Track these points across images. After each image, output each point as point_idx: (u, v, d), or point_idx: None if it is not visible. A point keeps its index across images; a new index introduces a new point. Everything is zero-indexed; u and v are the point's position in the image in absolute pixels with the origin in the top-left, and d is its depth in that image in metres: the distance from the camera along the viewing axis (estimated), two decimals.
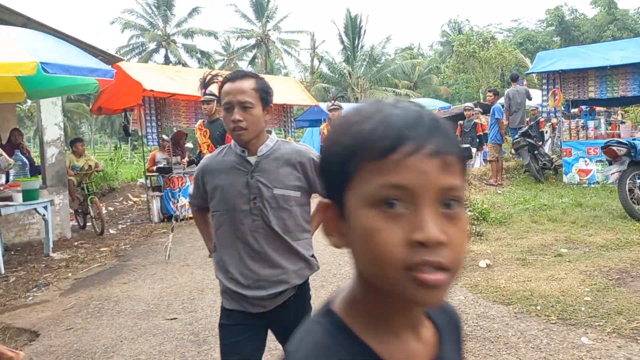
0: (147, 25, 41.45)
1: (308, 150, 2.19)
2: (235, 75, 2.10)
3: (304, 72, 36.95)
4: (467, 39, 27.95)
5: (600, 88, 9.69)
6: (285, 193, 2.09)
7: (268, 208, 2.07)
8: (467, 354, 3.29)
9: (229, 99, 2.03)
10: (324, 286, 4.97)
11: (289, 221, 2.12)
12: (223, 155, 2.18)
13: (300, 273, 2.15)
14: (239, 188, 2.08)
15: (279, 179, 2.08)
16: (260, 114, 2.07)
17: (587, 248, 5.38)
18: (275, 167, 2.09)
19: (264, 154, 2.10)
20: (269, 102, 2.12)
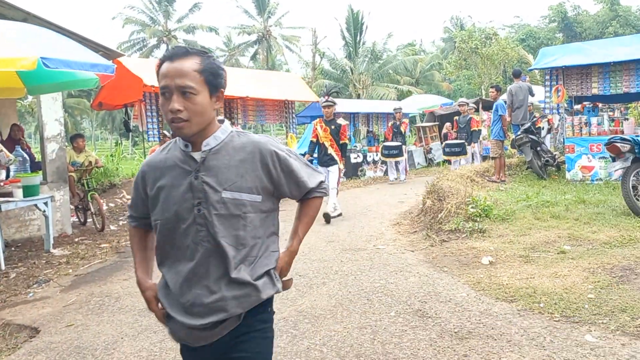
0: (148, 20, 41.39)
1: (269, 142, 1.83)
2: (175, 53, 1.71)
3: (306, 68, 36.89)
4: (470, 35, 27.87)
5: (603, 84, 9.63)
6: (238, 196, 1.72)
7: (214, 216, 1.70)
8: (470, 352, 3.26)
9: (165, 82, 1.68)
10: (325, 283, 4.94)
11: (244, 232, 1.73)
12: (167, 152, 1.84)
13: (243, 301, 1.74)
14: (182, 191, 1.73)
15: (230, 178, 1.73)
16: (207, 102, 1.71)
17: (591, 245, 5.34)
18: (225, 163, 1.74)
19: (212, 148, 1.76)
20: (218, 86, 1.75)
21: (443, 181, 8.15)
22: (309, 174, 1.92)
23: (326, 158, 8.27)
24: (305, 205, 1.99)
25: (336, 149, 8.19)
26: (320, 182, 1.96)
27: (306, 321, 4.00)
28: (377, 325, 3.81)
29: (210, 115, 1.75)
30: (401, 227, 7.43)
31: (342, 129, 8.26)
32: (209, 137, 1.76)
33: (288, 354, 3.44)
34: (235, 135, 1.82)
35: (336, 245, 6.54)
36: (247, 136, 1.83)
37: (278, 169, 1.81)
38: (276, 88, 11.60)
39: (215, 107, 1.76)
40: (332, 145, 8.19)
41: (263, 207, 1.80)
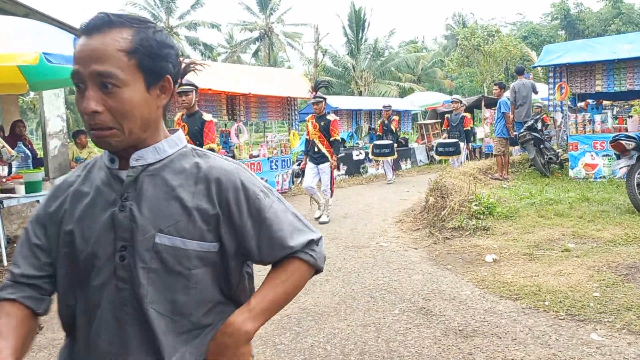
0: (150, 17, 41.29)
1: (237, 171, 1.23)
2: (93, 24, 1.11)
3: (308, 65, 36.84)
4: (472, 33, 27.81)
5: (607, 82, 9.59)
6: (180, 244, 1.13)
7: (141, 270, 1.12)
8: (475, 350, 3.24)
9: (77, 68, 1.10)
10: (328, 280, 4.93)
11: (185, 297, 1.15)
12: (88, 170, 1.25)
13: None
14: (99, 229, 1.15)
15: (172, 214, 1.14)
16: (141, 98, 1.12)
17: (595, 243, 5.32)
18: (166, 192, 1.16)
19: (147, 165, 1.17)
20: (161, 72, 1.15)
21: (446, 178, 8.12)
22: (294, 228, 1.26)
23: (316, 155, 7.99)
24: (281, 269, 1.26)
25: (327, 146, 7.92)
26: (310, 242, 1.27)
27: (309, 318, 3.98)
28: (381, 323, 3.80)
29: (150, 117, 1.15)
30: (404, 225, 7.41)
31: (332, 124, 7.93)
32: (144, 148, 1.17)
33: (292, 351, 3.43)
34: (190, 154, 1.23)
35: (339, 242, 6.52)
36: (208, 158, 1.23)
37: (244, 212, 1.20)
38: (278, 85, 11.57)
39: (159, 103, 1.18)
40: (321, 141, 7.92)
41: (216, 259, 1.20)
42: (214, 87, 9.71)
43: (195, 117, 5.83)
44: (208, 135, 5.74)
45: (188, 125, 5.78)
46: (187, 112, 5.88)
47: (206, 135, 5.73)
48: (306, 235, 1.27)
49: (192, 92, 5.76)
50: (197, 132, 5.74)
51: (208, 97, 10.25)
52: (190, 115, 5.86)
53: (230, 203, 1.19)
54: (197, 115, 5.84)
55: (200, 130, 5.74)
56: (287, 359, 3.32)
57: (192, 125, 5.78)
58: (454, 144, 11.55)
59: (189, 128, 5.76)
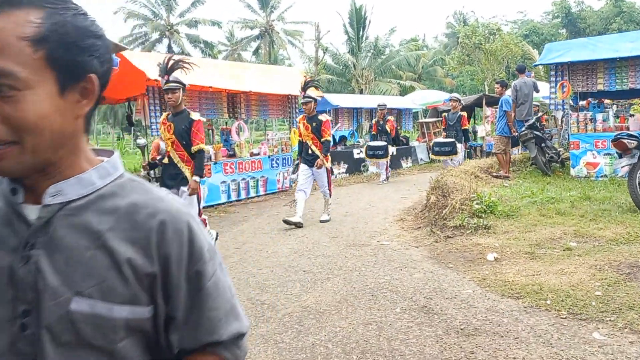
0: (150, 14, 41.27)
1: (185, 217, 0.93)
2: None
3: (308, 63, 36.81)
4: (473, 31, 27.77)
5: (609, 80, 9.57)
6: (104, 311, 0.85)
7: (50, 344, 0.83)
8: (476, 349, 3.24)
9: None
10: (329, 279, 4.92)
11: None
12: None
13: None
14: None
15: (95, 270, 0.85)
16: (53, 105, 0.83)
17: (597, 242, 5.31)
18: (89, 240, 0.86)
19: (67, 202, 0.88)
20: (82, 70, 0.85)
21: (447, 177, 8.11)
22: (230, 310, 0.98)
23: (309, 157, 7.78)
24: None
25: (319, 147, 7.70)
26: (240, 335, 0.99)
27: (311, 317, 3.98)
28: (382, 322, 3.79)
29: (64, 131, 0.85)
30: (405, 223, 7.40)
31: (324, 125, 7.68)
32: (65, 180, 0.88)
33: (293, 349, 3.42)
34: (127, 186, 0.93)
35: (340, 241, 6.52)
36: (151, 195, 0.93)
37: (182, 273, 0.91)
38: (279, 83, 11.55)
39: (79, 112, 0.87)
40: (314, 143, 7.71)
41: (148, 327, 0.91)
42: (214, 84, 9.69)
43: (182, 116, 5.54)
44: (197, 135, 5.50)
45: (174, 124, 5.50)
46: (174, 110, 5.57)
47: (195, 135, 5.49)
48: (238, 324, 0.99)
49: (179, 89, 5.47)
50: (184, 131, 5.48)
51: (209, 95, 10.23)
52: (177, 114, 5.55)
53: (172, 259, 0.89)
54: (185, 114, 5.56)
55: (188, 129, 5.48)
56: (288, 357, 3.31)
57: (178, 125, 5.49)
58: (450, 144, 11.24)
59: (175, 128, 5.49)
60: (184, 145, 5.52)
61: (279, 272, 5.29)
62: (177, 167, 5.55)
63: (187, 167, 5.55)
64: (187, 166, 5.55)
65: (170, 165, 5.62)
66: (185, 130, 5.48)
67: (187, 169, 5.55)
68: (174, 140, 5.53)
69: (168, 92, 5.47)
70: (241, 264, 5.70)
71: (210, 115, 10.68)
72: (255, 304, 4.38)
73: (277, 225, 7.74)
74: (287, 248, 6.31)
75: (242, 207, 9.85)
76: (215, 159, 10.24)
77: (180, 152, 5.55)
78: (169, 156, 5.63)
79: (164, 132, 5.62)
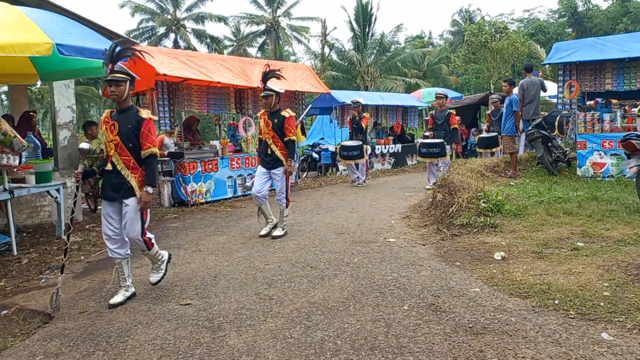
0: (157, 9, 41.27)
1: None
2: None
3: (314, 60, 36.76)
4: (480, 29, 27.67)
5: (617, 80, 9.54)
6: None
7: None
8: (485, 347, 3.25)
9: None
10: (337, 275, 4.94)
11: None
12: None
13: None
14: None
15: None
16: None
17: (604, 242, 5.31)
18: None
19: None
20: None
21: (454, 175, 8.11)
22: None
23: (268, 158, 6.82)
24: None
25: (281, 147, 6.78)
26: None
27: (319, 312, 4.00)
28: (390, 319, 3.81)
29: None
30: (411, 221, 7.41)
31: (287, 122, 6.76)
32: None
33: (302, 345, 3.44)
34: None
35: (346, 237, 6.53)
36: None
37: None
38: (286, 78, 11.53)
39: None
40: (275, 142, 6.78)
41: None
42: (222, 80, 9.70)
43: (129, 113, 4.55)
44: (148, 137, 4.52)
45: (118, 124, 4.52)
46: (118, 107, 4.60)
47: (146, 137, 4.51)
48: None
49: (125, 82, 4.51)
50: (130, 132, 4.49)
51: (217, 90, 10.24)
52: (122, 112, 4.57)
53: None
54: (132, 111, 4.57)
55: (136, 130, 4.49)
56: (297, 353, 3.33)
57: (123, 124, 4.51)
58: (439, 145, 10.46)
59: (119, 127, 4.51)
60: (130, 148, 4.51)
61: (286, 267, 5.31)
62: (122, 176, 4.52)
63: (133, 176, 4.52)
64: (134, 174, 4.52)
65: (112, 173, 4.56)
66: (131, 131, 4.50)
67: (133, 177, 4.52)
68: (118, 143, 4.52)
69: (111, 85, 4.50)
70: (248, 259, 5.72)
71: (218, 111, 10.70)
72: (263, 298, 4.40)
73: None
74: (293, 244, 6.33)
75: (248, 202, 9.87)
76: (222, 154, 10.27)
77: (125, 157, 4.52)
78: (112, 162, 4.57)
79: (106, 133, 4.60)
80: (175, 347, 3.55)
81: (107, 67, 4.48)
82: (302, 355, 3.30)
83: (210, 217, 8.47)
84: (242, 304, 4.31)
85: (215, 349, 3.46)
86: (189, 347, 3.52)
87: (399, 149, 16.39)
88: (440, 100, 10.74)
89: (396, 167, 16.06)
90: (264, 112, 7.01)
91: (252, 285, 4.78)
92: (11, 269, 5.86)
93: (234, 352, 3.39)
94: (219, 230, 7.44)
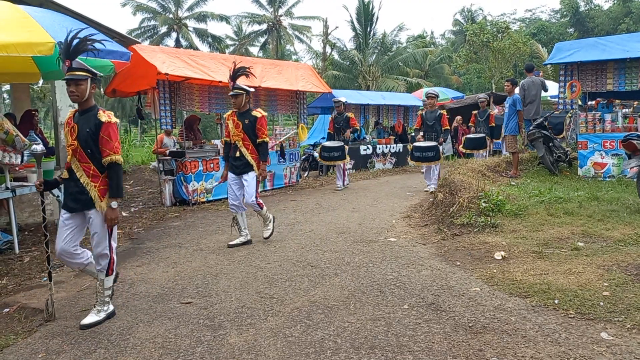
0: (159, 8, 41.32)
1: None
2: None
3: (316, 59, 36.76)
4: (481, 29, 27.66)
5: (618, 80, 9.54)
6: None
7: None
8: (485, 346, 3.26)
9: None
10: (337, 274, 4.96)
11: None
12: None
13: None
14: None
15: None
16: None
17: (605, 242, 5.32)
18: None
19: None
20: None
21: (455, 175, 8.12)
22: None
23: (238, 163, 6.36)
24: None
25: (251, 151, 6.35)
26: None
27: (319, 311, 4.01)
28: (390, 318, 3.82)
29: None
30: (412, 220, 7.42)
31: (259, 122, 6.36)
32: None
33: (302, 343, 3.46)
34: None
35: (347, 237, 6.54)
36: None
37: None
38: (288, 78, 11.56)
39: None
40: (245, 145, 6.34)
41: None
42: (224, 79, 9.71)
43: (89, 115, 4.05)
44: (108, 143, 4.01)
45: (78, 126, 4.05)
46: (79, 108, 4.12)
47: (105, 143, 4.00)
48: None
49: (86, 80, 4.01)
50: (89, 136, 4.00)
51: (218, 89, 10.26)
52: (83, 113, 4.08)
53: None
54: (92, 112, 4.06)
55: (94, 134, 4.00)
56: (298, 351, 3.35)
57: (82, 127, 4.03)
58: (432, 148, 9.81)
59: (78, 131, 4.04)
60: (89, 154, 4.03)
61: (287, 266, 5.33)
62: (81, 185, 4.04)
63: (93, 185, 4.03)
64: (94, 183, 4.04)
65: (71, 182, 4.10)
66: (89, 135, 4.00)
67: (93, 187, 4.03)
68: (76, 148, 4.05)
69: (70, 84, 3.99)
70: (249, 258, 5.74)
71: (220, 110, 10.72)
72: (264, 297, 4.42)
73: (284, 220, 7.78)
74: (294, 243, 6.34)
75: None
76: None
77: (84, 163, 4.05)
78: (70, 169, 4.12)
79: (67, 136, 4.14)
80: (176, 345, 3.56)
81: (64, 64, 3.99)
82: (303, 353, 3.31)
83: (212, 216, 8.49)
84: (243, 302, 4.32)
85: (216, 348, 3.48)
86: (189, 346, 3.53)
87: (400, 149, 16.40)
88: (431, 100, 10.17)
89: (397, 166, 16.07)
90: (232, 112, 6.55)
91: (252, 284, 4.80)
92: (13, 267, 5.88)
93: (234, 351, 3.41)
94: (220, 229, 7.47)
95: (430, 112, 10.16)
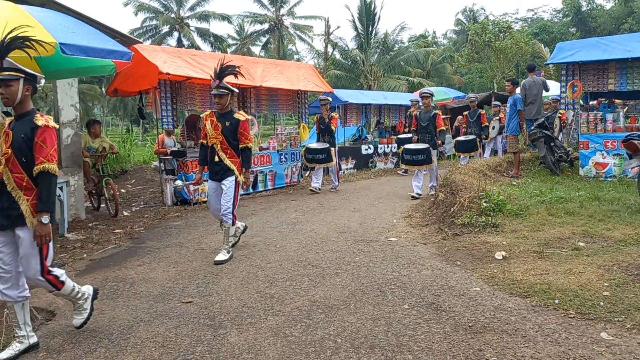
0: (161, 7, 41.36)
1: None
2: None
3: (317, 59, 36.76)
4: (483, 28, 27.63)
5: (620, 80, 9.53)
6: None
7: None
8: (485, 346, 3.27)
9: None
10: (338, 274, 4.96)
11: None
12: None
13: None
14: None
15: None
16: None
17: (605, 242, 5.32)
18: None
19: None
20: None
21: (456, 175, 8.12)
22: None
23: (217, 168, 5.83)
24: None
25: (231, 155, 5.84)
26: None
27: (319, 311, 4.02)
28: (390, 317, 3.82)
29: None
30: (413, 220, 7.42)
31: (242, 126, 5.85)
32: None
33: (302, 343, 3.46)
34: None
35: (348, 236, 6.55)
36: None
37: None
38: (289, 77, 11.57)
39: None
40: (224, 149, 5.82)
41: None
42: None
43: (25, 120, 3.55)
44: (42, 150, 3.48)
45: (13, 133, 3.53)
46: (15, 112, 3.63)
47: (39, 150, 3.48)
48: None
49: (18, 81, 3.50)
50: (23, 142, 3.48)
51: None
52: (19, 118, 3.59)
53: None
54: (29, 117, 3.55)
55: (29, 140, 3.48)
56: (298, 351, 3.35)
57: (18, 133, 3.51)
58: (424, 151, 9.30)
59: (13, 136, 3.52)
60: (23, 164, 3.51)
61: (288, 266, 5.33)
62: (12, 198, 3.51)
63: (25, 198, 3.51)
64: (27, 196, 3.52)
65: (3, 195, 3.55)
66: (24, 142, 3.49)
67: (25, 200, 3.51)
68: (10, 157, 3.52)
69: (0, 85, 3.49)
70: (250, 258, 5.75)
71: None
72: (264, 297, 4.42)
73: (285, 219, 7.79)
74: (295, 242, 6.35)
75: (250, 200, 9.91)
76: None
77: (17, 174, 3.52)
78: (1, 181, 3.57)
79: (0, 145, 3.60)
80: (176, 344, 3.57)
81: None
82: (303, 353, 3.32)
83: (212, 216, 8.48)
84: (243, 302, 4.33)
85: (216, 347, 3.49)
86: (190, 345, 3.54)
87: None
88: (425, 100, 9.69)
89: (399, 166, 16.06)
90: (210, 113, 5.99)
91: (253, 284, 4.81)
92: None
93: (234, 350, 3.41)
94: (220, 229, 7.46)
95: (424, 113, 9.79)
